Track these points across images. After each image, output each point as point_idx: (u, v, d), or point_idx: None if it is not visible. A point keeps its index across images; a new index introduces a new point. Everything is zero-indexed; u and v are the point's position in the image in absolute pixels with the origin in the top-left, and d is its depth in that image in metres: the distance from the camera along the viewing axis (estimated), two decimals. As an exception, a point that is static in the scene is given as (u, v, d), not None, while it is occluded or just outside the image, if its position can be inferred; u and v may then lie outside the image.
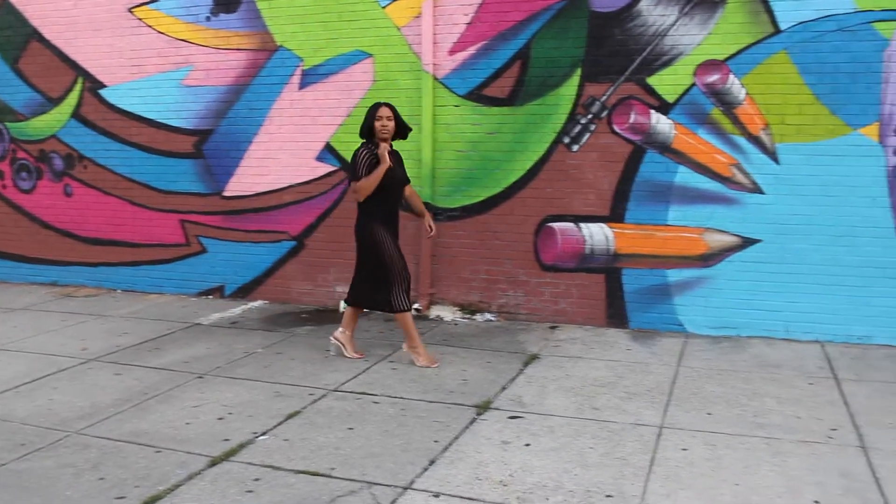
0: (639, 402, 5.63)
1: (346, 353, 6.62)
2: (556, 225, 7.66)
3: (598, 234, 7.54)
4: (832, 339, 7.09)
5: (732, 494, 4.29)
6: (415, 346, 6.38)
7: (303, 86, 8.38)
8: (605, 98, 7.46)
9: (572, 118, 7.57)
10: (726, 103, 7.22)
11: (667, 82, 7.36)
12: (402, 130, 6.37)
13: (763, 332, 7.25)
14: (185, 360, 6.65)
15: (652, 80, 7.36)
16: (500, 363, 6.48)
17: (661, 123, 7.30)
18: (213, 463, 4.62)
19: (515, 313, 7.88)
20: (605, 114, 7.47)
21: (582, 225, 7.60)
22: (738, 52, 7.19)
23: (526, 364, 6.47)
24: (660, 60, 7.34)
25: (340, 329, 6.64)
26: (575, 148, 7.57)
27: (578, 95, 7.57)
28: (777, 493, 4.31)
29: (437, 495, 4.21)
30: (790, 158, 7.10)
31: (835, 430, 5.17)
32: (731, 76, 7.18)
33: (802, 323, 7.17)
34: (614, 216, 7.51)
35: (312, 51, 8.31)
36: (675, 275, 7.40)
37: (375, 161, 6.18)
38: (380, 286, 6.31)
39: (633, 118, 7.39)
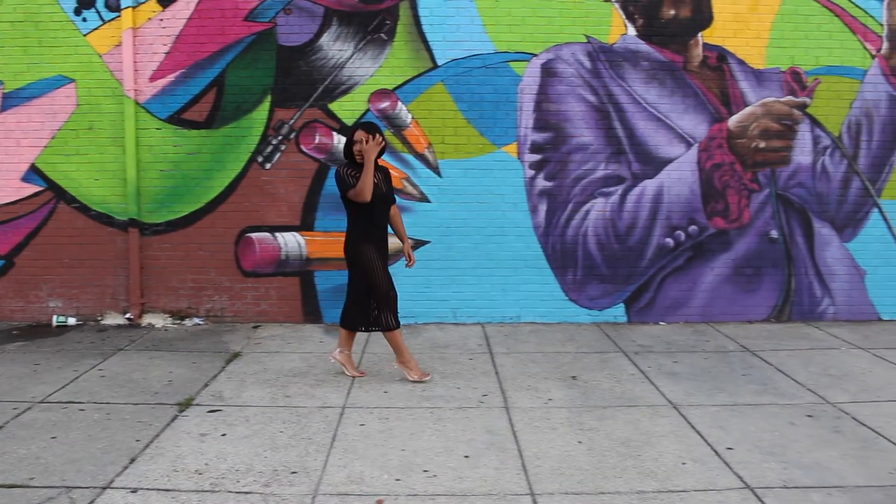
0: (327, 387, 5.80)
1: (347, 373, 6.13)
2: (254, 235, 7.67)
3: (291, 242, 7.65)
4: (490, 320, 7.68)
5: (399, 458, 4.55)
6: (405, 362, 6.00)
7: (4, 108, 7.75)
8: (293, 121, 7.58)
9: (265, 139, 7.61)
10: (396, 126, 7.58)
11: (346, 108, 7.60)
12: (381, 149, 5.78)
13: (436, 319, 7.71)
14: None
15: (333, 106, 7.58)
16: (205, 363, 6.40)
17: (342, 144, 7.52)
18: None
19: (222, 316, 7.80)
20: (293, 135, 7.59)
21: (277, 234, 7.67)
22: (405, 83, 7.56)
23: (228, 362, 6.43)
24: (339, 89, 7.56)
25: (339, 349, 6.12)
26: (268, 166, 7.62)
27: (269, 119, 7.62)
28: (436, 452, 4.64)
29: (134, 491, 4.12)
30: (450, 172, 7.60)
31: (486, 395, 5.63)
32: (400, 103, 7.55)
33: (467, 309, 7.71)
34: (305, 225, 7.65)
35: (13, 75, 7.71)
36: (360, 274, 7.64)
37: (355, 176, 5.72)
38: (370, 305, 5.86)
39: (317, 139, 7.57)
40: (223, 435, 4.86)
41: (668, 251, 7.73)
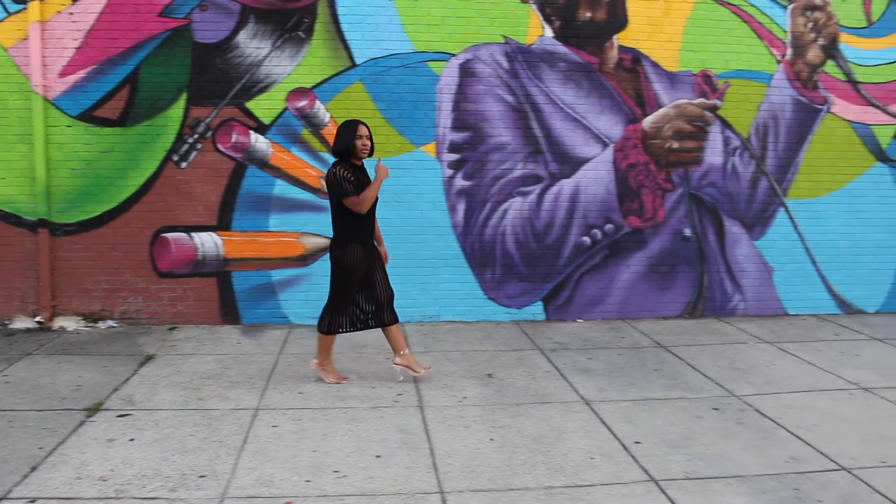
0: (241, 389, 5.72)
1: (326, 379, 5.98)
2: (169, 235, 7.52)
3: (208, 242, 7.53)
4: (410, 319, 7.68)
5: (311, 459, 4.52)
6: (323, 364, 5.92)
7: None
8: (209, 120, 7.45)
9: (180, 138, 7.47)
10: (314, 125, 7.52)
11: (263, 106, 7.51)
12: (373, 148, 5.69)
13: (355, 319, 7.64)
14: None
15: (250, 105, 7.47)
16: (117, 366, 6.25)
17: (260, 142, 7.45)
18: None
19: (137, 318, 7.62)
20: (209, 134, 7.47)
21: (193, 234, 7.53)
22: (323, 82, 7.51)
23: (141, 365, 6.29)
24: (257, 87, 7.47)
25: (317, 359, 5.96)
26: (184, 165, 7.48)
27: (185, 117, 7.48)
28: (347, 453, 4.62)
29: (33, 501, 4.00)
30: (369, 171, 7.54)
31: (401, 395, 5.63)
32: (318, 102, 7.50)
33: (386, 308, 7.66)
34: (222, 225, 7.54)
35: None
36: (278, 274, 7.60)
37: (355, 177, 5.52)
38: (356, 305, 5.76)
39: (234, 138, 7.46)
40: (131, 440, 4.76)
41: (585, 249, 7.85)
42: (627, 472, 4.37)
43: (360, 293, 5.69)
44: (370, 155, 5.67)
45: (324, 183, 7.00)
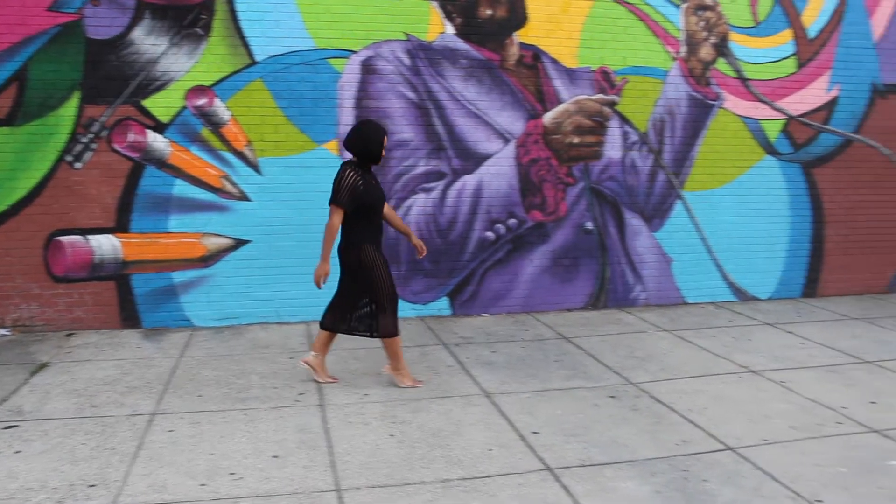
0: (138, 394, 5.59)
1: (318, 378, 5.84)
2: (64, 238, 7.28)
3: (106, 245, 7.32)
4: (315, 318, 7.62)
5: (207, 462, 4.44)
6: (398, 369, 5.74)
7: None
8: (104, 119, 7.25)
9: (74, 138, 7.24)
10: (214, 123, 7.39)
11: (161, 105, 7.33)
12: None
13: (259, 319, 7.57)
14: None
15: (147, 103, 7.30)
16: (6, 376, 6.03)
17: (158, 142, 7.28)
18: None
19: (31, 326, 7.36)
20: (105, 133, 7.26)
21: (90, 237, 7.31)
22: (223, 79, 7.38)
23: (34, 373, 6.08)
24: (154, 85, 7.29)
25: (312, 353, 5.80)
26: (78, 165, 7.26)
27: (79, 116, 7.25)
28: (245, 454, 4.56)
29: None
30: (271, 170, 7.48)
31: (302, 394, 5.59)
32: (217, 100, 7.36)
33: (291, 308, 7.62)
34: (120, 227, 7.34)
35: None
36: (179, 276, 7.44)
37: (361, 186, 5.39)
38: (360, 310, 5.62)
39: (131, 137, 7.27)
40: (17, 452, 4.60)
41: (489, 244, 7.93)
42: (524, 462, 4.44)
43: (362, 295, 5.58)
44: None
45: (224, 182, 6.87)
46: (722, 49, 8.52)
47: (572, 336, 7.18)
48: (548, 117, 8.01)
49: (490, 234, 7.95)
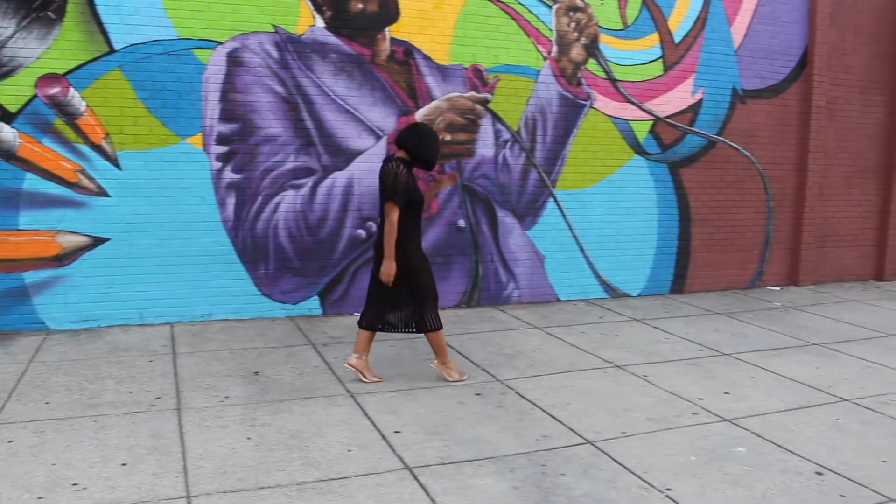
0: (-24, 402, 5.25)
1: (365, 379, 5.84)
2: None
3: (-55, 243, 6.86)
4: (180, 319, 7.39)
5: (48, 474, 4.23)
6: (446, 363, 5.87)
7: None
8: (-57, 108, 6.79)
9: None
10: (68, 114, 7.06)
11: (9, 93, 6.95)
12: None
13: (120, 321, 7.29)
14: None
15: (-7, 91, 6.88)
16: None
17: (5, 132, 6.90)
18: None
19: None
20: (-56, 123, 6.80)
21: (-73, 234, 6.83)
22: (78, 68, 7.06)
23: None
24: (0, 71, 6.88)
25: (355, 355, 5.81)
26: (-87, 158, 6.77)
27: (-86, 105, 6.76)
28: (91, 463, 4.36)
29: None
30: (131, 164, 7.21)
31: (159, 398, 5.40)
32: (72, 89, 7.04)
33: (154, 308, 7.36)
34: (-39, 224, 6.90)
35: None
36: (31, 276, 7.08)
37: (411, 184, 5.52)
38: (401, 308, 5.69)
39: (-26, 128, 6.84)
40: None
41: (360, 242, 7.89)
42: (383, 462, 4.42)
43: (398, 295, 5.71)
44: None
45: (80, 177, 6.51)
46: (592, 50, 8.76)
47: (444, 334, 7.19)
48: (420, 114, 8.03)
49: (361, 232, 7.91)
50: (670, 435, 4.96)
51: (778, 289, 10.15)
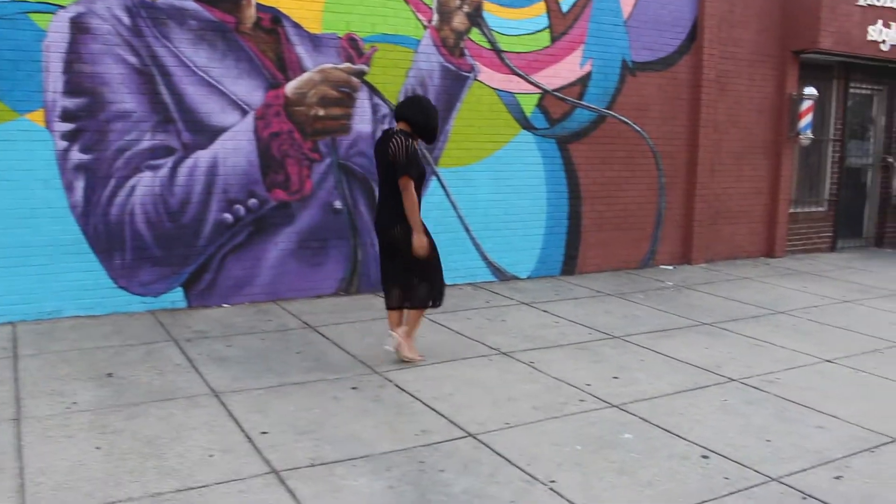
0: None
1: (407, 358, 6.22)
2: None
3: None
4: (24, 318, 7.07)
5: None
6: (411, 337, 6.23)
7: None
8: None
9: None
10: None
11: None
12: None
13: (-49, 321, 6.88)
14: None
15: None
16: None
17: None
18: None
19: None
20: None
21: None
22: None
23: None
24: None
25: (393, 335, 6.16)
26: None
27: None
28: (-89, 484, 4.09)
29: None
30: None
31: (-5, 407, 5.12)
32: None
33: (-10, 306, 6.99)
34: None
35: None
36: None
37: (419, 158, 5.87)
38: (408, 284, 6.05)
39: None
40: None
41: (227, 227, 7.72)
42: (248, 467, 4.35)
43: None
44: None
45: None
46: (475, 19, 8.79)
47: (319, 324, 7.16)
48: (290, 87, 7.90)
49: (228, 216, 7.74)
50: (556, 424, 5.06)
51: (671, 268, 10.48)
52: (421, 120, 5.83)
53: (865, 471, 4.48)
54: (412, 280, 5.97)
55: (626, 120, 9.90)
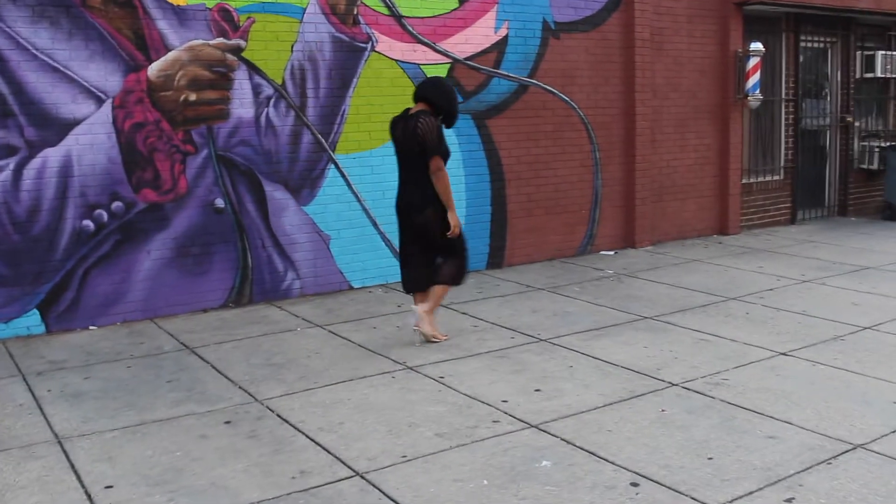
0: None
1: (435, 340, 6.71)
2: None
3: None
4: None
5: None
6: (432, 313, 6.61)
7: None
8: None
9: None
10: None
11: None
12: None
13: None
14: None
15: None
16: None
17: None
18: None
19: None
20: None
21: None
22: None
23: None
24: None
25: (417, 316, 6.58)
26: None
27: None
28: None
29: None
30: None
31: None
32: None
33: None
34: None
35: None
36: None
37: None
38: (431, 266, 6.59)
39: None
40: None
41: (88, 236, 7.25)
42: (81, 533, 3.89)
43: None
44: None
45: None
46: (370, -19, 8.36)
47: (199, 345, 6.74)
48: (153, 69, 7.44)
49: (89, 224, 7.26)
50: (461, 454, 4.74)
51: (612, 253, 10.25)
52: (445, 103, 6.35)
53: (820, 488, 4.22)
54: (440, 259, 6.50)
55: (551, 89, 9.60)
